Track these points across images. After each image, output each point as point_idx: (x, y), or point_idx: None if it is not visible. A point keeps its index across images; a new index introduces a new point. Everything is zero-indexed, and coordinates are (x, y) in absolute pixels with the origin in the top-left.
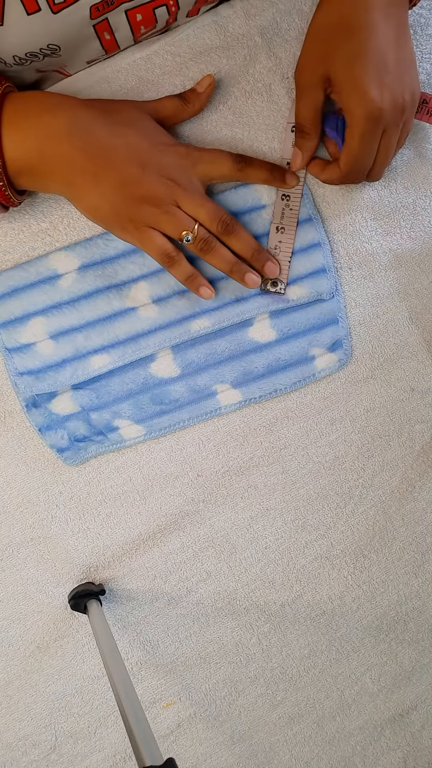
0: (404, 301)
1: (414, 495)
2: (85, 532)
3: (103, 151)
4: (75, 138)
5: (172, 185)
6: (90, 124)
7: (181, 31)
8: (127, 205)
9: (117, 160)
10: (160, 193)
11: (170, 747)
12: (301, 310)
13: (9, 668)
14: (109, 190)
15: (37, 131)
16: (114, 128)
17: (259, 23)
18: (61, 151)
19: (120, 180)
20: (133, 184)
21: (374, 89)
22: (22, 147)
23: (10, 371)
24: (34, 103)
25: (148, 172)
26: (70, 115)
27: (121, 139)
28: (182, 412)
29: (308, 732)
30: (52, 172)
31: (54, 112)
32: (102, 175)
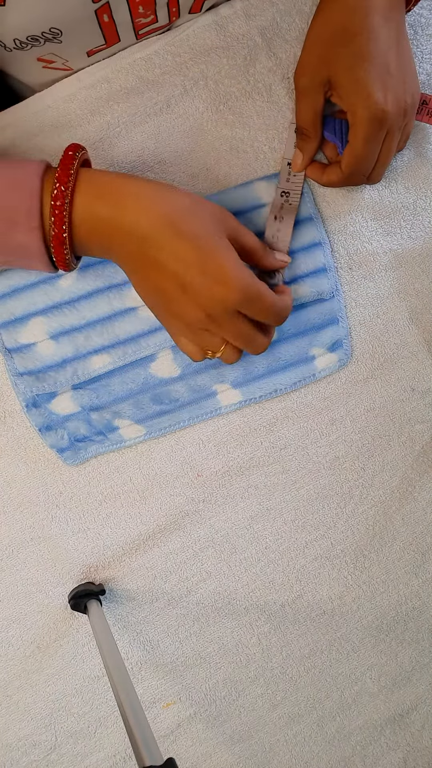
0: (404, 301)
1: (414, 495)
2: (85, 532)
3: (150, 261)
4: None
5: (207, 320)
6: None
7: (181, 31)
8: (162, 312)
9: (164, 272)
10: (193, 320)
11: (170, 747)
12: (301, 310)
13: (9, 668)
14: (150, 292)
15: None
16: (177, 241)
17: (260, 23)
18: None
19: (160, 291)
20: (169, 302)
21: (378, 91)
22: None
23: (10, 371)
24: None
25: (186, 297)
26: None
27: (171, 246)
28: (182, 412)
29: (308, 732)
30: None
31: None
32: (147, 275)
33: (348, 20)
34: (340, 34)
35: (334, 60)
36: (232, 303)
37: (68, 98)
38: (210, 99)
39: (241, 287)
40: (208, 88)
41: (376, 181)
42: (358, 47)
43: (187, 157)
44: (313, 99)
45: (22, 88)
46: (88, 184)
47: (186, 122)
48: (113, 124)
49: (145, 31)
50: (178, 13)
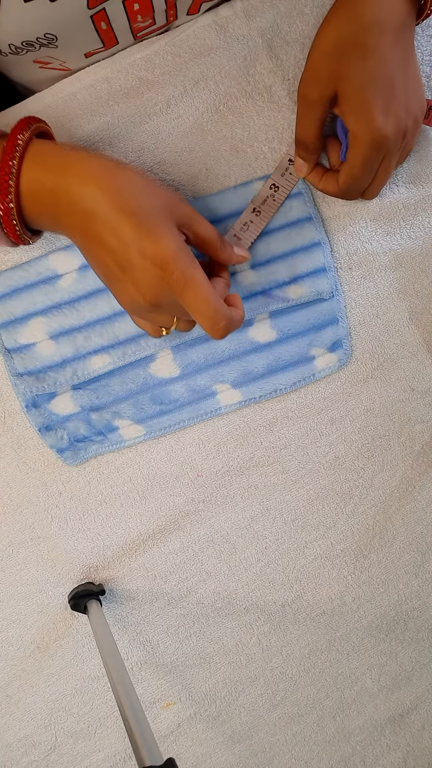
0: (404, 301)
1: (414, 495)
2: (85, 532)
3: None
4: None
5: (146, 306)
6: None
7: (181, 31)
8: (111, 289)
9: (105, 248)
10: (135, 304)
11: (170, 747)
12: (301, 310)
13: (9, 668)
14: (97, 268)
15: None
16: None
17: (260, 24)
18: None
19: (104, 268)
20: (113, 282)
21: (380, 116)
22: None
23: (10, 371)
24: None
25: (127, 278)
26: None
27: (115, 233)
28: (182, 412)
29: (308, 732)
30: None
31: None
32: (92, 251)
33: (363, 37)
34: (354, 50)
35: (345, 76)
36: (169, 284)
37: (68, 98)
38: (210, 99)
39: (176, 270)
40: (208, 88)
41: (371, 197)
42: (370, 68)
43: (187, 157)
44: (319, 112)
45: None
46: (37, 156)
47: (186, 122)
48: (113, 124)
49: (144, 33)
50: (176, 14)
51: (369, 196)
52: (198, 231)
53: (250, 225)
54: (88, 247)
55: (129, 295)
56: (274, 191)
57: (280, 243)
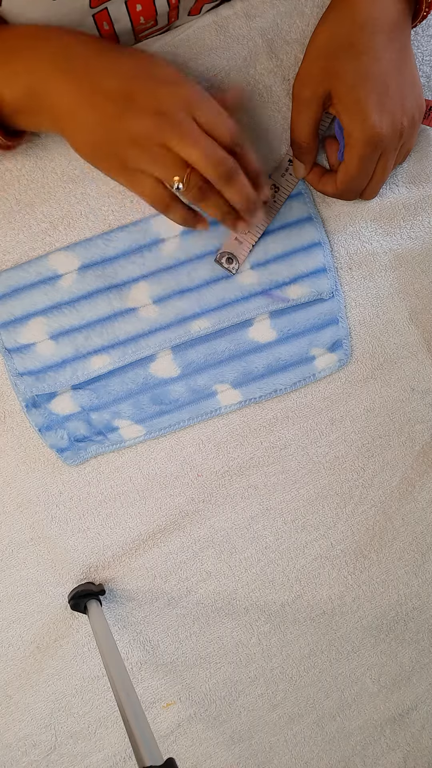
0: (404, 301)
1: (414, 495)
2: (85, 532)
3: (88, 82)
4: (60, 70)
5: (159, 121)
6: (78, 51)
7: (181, 31)
8: (112, 145)
9: (102, 91)
10: (145, 131)
11: (170, 747)
12: (301, 310)
13: (9, 668)
14: (93, 128)
15: (26, 63)
16: (105, 55)
17: (260, 24)
18: (46, 85)
19: (103, 115)
20: (116, 120)
21: (375, 114)
22: (12, 83)
23: (10, 371)
24: (24, 35)
25: (133, 105)
26: (60, 43)
27: (110, 67)
28: (182, 412)
29: (308, 732)
30: (40, 108)
31: (45, 42)
32: (85, 110)
33: (355, 37)
34: (346, 49)
35: (338, 75)
36: (182, 98)
37: None
38: None
39: (191, 85)
40: (207, 88)
41: (370, 197)
42: (363, 66)
43: None
44: (313, 111)
45: None
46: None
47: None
48: None
49: (145, 34)
50: (177, 15)
51: (368, 196)
52: None
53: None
54: (80, 115)
55: (138, 125)
56: (275, 192)
57: (280, 243)
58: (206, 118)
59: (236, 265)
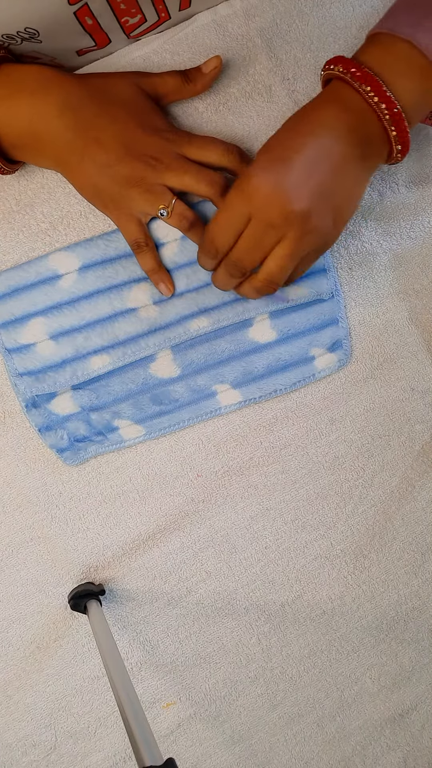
0: (404, 301)
1: (414, 495)
2: (85, 532)
3: (90, 130)
4: (65, 117)
5: (154, 164)
6: (81, 102)
7: (179, 30)
8: (110, 185)
9: (103, 140)
10: (141, 174)
11: (170, 747)
12: (301, 310)
13: (9, 668)
14: (93, 170)
15: (29, 108)
16: (104, 107)
17: (259, 24)
18: (51, 129)
19: (104, 161)
20: (115, 165)
21: (260, 173)
22: (14, 123)
23: (10, 372)
24: (28, 78)
25: (131, 153)
26: (62, 93)
27: (110, 118)
28: (182, 412)
29: (308, 732)
30: (44, 149)
31: (47, 90)
32: (88, 154)
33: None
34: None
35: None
36: (170, 142)
37: None
38: (210, 99)
39: (176, 130)
40: None
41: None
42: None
43: None
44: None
45: None
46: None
47: (185, 122)
48: None
49: (137, 32)
50: (167, 10)
51: (243, 290)
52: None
53: None
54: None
55: (136, 164)
56: None
57: None
58: (195, 152)
59: None
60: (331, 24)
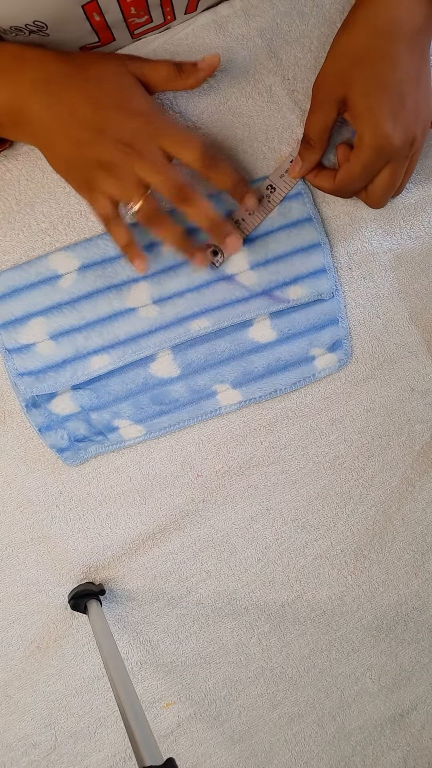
0: (404, 301)
1: (414, 495)
2: (85, 532)
3: (63, 105)
4: (38, 92)
5: (126, 151)
6: (57, 78)
7: (180, 30)
8: (82, 166)
9: (77, 118)
10: (113, 159)
11: (170, 747)
12: (301, 311)
13: (9, 668)
14: (66, 149)
15: (6, 85)
16: (81, 84)
17: (259, 24)
18: (25, 105)
19: (77, 140)
20: (87, 146)
21: (388, 123)
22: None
23: (10, 372)
24: (6, 55)
25: (104, 135)
26: (37, 69)
27: (85, 97)
28: (182, 412)
29: (308, 732)
30: (20, 124)
31: (21, 66)
32: (61, 133)
33: (373, 43)
34: (363, 55)
35: (353, 81)
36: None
37: None
38: (210, 99)
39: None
40: (207, 88)
41: (378, 206)
42: (377, 73)
43: None
44: (325, 113)
45: None
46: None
47: (185, 122)
48: None
49: (141, 31)
50: (173, 12)
51: (377, 205)
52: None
53: (242, 222)
54: (57, 131)
55: (106, 151)
56: (270, 192)
57: (280, 243)
58: (172, 145)
59: (221, 258)
60: (331, 24)
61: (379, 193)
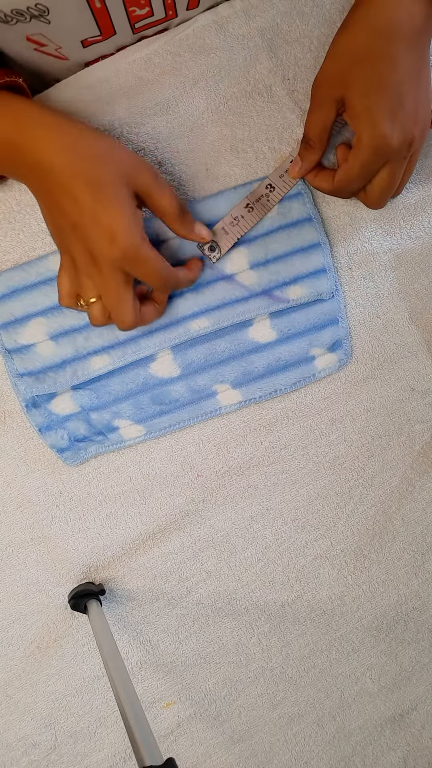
0: (404, 301)
1: (414, 495)
2: (85, 532)
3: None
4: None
5: (88, 260)
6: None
7: (180, 30)
8: (57, 241)
9: (60, 209)
10: (76, 255)
11: (170, 747)
12: (301, 311)
13: (9, 668)
14: (48, 221)
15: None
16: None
17: (260, 24)
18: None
19: (55, 225)
20: (62, 235)
21: (386, 124)
22: None
23: (10, 372)
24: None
25: (76, 236)
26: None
27: (71, 197)
28: (182, 412)
29: (308, 732)
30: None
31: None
32: (47, 205)
33: (372, 43)
34: (362, 55)
35: (351, 81)
36: (114, 260)
37: (67, 100)
38: (210, 99)
39: (125, 248)
40: (208, 88)
41: (378, 206)
42: (376, 73)
43: (187, 157)
44: (324, 113)
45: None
46: (6, 109)
47: (186, 122)
48: (113, 125)
49: (142, 25)
50: (175, 7)
51: (375, 205)
52: (157, 202)
53: (241, 220)
54: (44, 201)
55: (76, 250)
56: (270, 191)
57: (280, 243)
58: (136, 275)
59: (218, 254)
60: (331, 24)
61: (377, 194)
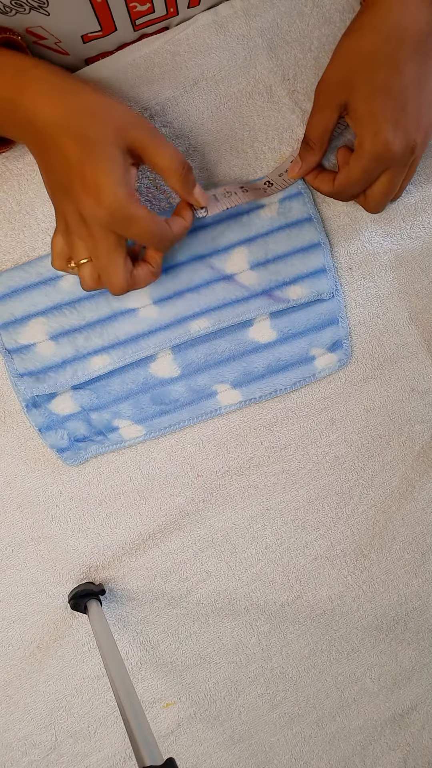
0: (404, 301)
1: (414, 495)
2: (85, 532)
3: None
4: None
5: (79, 221)
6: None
7: (180, 30)
8: (52, 200)
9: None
10: (68, 216)
11: (170, 747)
12: (301, 311)
13: (9, 668)
14: (45, 179)
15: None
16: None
17: (260, 24)
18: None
19: (50, 182)
20: (55, 194)
21: (389, 130)
22: None
23: (10, 372)
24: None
25: (67, 197)
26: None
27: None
28: (182, 412)
29: (308, 732)
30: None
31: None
32: (42, 163)
33: (378, 48)
34: (367, 60)
35: (355, 85)
36: (100, 219)
37: None
38: (210, 99)
39: (111, 207)
40: (207, 88)
41: (376, 211)
42: (381, 79)
43: (187, 157)
44: (327, 116)
45: None
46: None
47: (185, 122)
48: None
49: (143, 22)
50: (176, 4)
51: (374, 209)
52: (154, 158)
53: (233, 195)
54: (39, 158)
55: (67, 210)
56: (267, 187)
57: (280, 243)
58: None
59: (205, 212)
60: (331, 24)
61: (377, 199)
